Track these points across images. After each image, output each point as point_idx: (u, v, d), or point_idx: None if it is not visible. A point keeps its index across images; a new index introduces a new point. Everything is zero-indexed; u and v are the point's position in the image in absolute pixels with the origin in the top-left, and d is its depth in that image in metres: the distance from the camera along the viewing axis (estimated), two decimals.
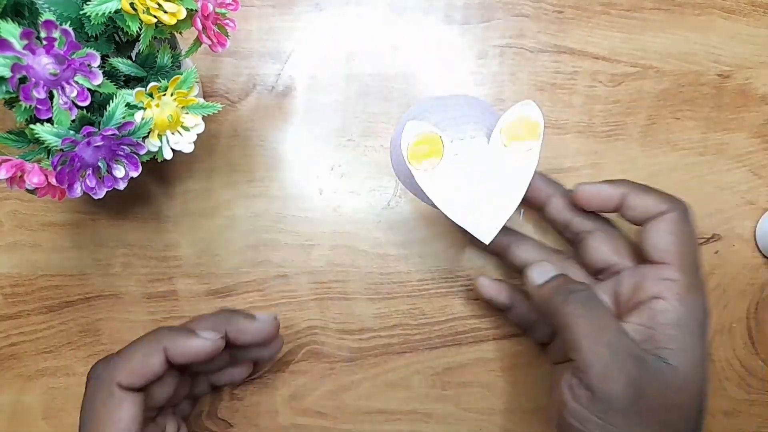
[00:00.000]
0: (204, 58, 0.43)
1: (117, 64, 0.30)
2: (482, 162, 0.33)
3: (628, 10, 0.44)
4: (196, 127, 0.32)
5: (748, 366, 0.43)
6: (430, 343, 0.42)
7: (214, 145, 0.43)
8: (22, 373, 0.42)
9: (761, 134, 0.43)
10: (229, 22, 0.33)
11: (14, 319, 0.42)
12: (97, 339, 0.42)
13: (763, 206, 0.43)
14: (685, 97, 0.43)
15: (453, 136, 0.33)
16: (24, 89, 0.26)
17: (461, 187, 0.33)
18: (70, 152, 0.27)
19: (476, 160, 0.33)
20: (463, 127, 0.34)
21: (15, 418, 0.42)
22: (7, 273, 0.42)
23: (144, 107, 0.30)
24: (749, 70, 0.44)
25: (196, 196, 0.42)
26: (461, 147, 0.33)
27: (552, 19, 0.44)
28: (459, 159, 0.33)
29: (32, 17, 0.28)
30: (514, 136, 0.33)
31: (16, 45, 0.25)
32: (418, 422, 0.42)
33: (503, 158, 0.33)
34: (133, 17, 0.28)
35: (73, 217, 0.42)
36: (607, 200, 0.34)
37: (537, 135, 0.33)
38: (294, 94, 0.43)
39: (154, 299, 0.42)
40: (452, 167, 0.33)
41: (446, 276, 0.42)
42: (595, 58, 0.43)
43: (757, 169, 0.43)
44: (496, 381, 0.42)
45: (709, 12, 0.44)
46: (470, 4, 0.44)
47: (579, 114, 0.43)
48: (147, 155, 0.31)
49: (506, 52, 0.43)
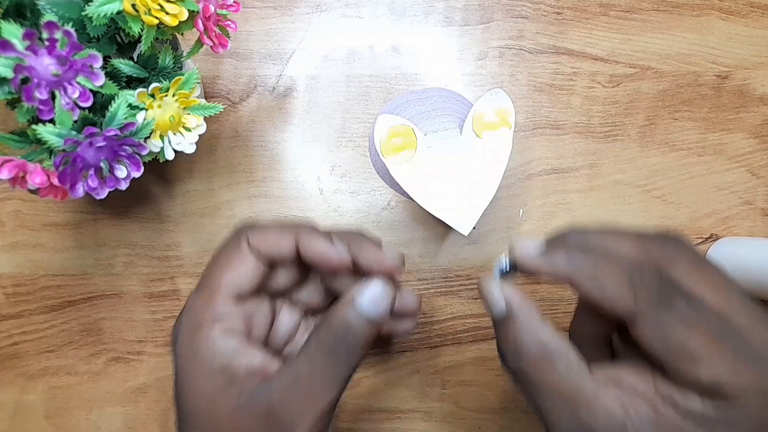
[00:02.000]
0: (205, 59, 0.43)
1: (119, 65, 0.30)
2: (456, 153, 0.33)
3: (626, 11, 0.44)
4: (197, 128, 0.32)
5: None
6: (429, 342, 0.42)
7: (216, 145, 0.43)
8: (24, 372, 0.42)
9: (759, 134, 0.43)
10: (230, 24, 0.33)
11: (16, 318, 0.42)
12: (98, 338, 0.42)
13: (760, 206, 0.43)
14: (683, 97, 0.44)
15: (427, 128, 0.33)
16: (26, 90, 0.26)
17: (436, 179, 0.33)
18: (72, 153, 0.28)
19: (450, 151, 0.33)
20: (436, 120, 0.34)
21: (17, 417, 0.42)
22: (9, 273, 0.42)
23: (146, 108, 0.30)
24: (747, 70, 0.44)
25: (197, 196, 0.43)
26: (434, 139, 0.33)
27: (551, 21, 0.44)
28: (433, 151, 0.33)
29: (34, 18, 0.28)
30: (486, 125, 0.33)
31: (18, 46, 0.25)
32: (418, 421, 0.42)
33: (476, 148, 0.33)
34: (134, 18, 0.28)
35: (75, 217, 0.42)
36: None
37: (509, 123, 0.33)
38: (295, 95, 0.44)
39: (155, 299, 0.42)
40: (426, 160, 0.33)
41: (446, 276, 0.42)
42: (594, 59, 0.44)
43: (755, 170, 0.43)
44: (496, 380, 0.42)
45: (707, 13, 0.44)
46: (470, 5, 0.44)
47: (578, 115, 0.43)
48: (149, 156, 0.31)
49: (505, 53, 0.44)
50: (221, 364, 0.27)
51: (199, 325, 0.28)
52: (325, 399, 0.26)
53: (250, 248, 0.29)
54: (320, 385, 0.27)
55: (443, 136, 0.33)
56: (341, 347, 0.27)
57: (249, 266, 0.29)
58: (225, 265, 0.29)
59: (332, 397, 0.27)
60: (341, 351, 0.27)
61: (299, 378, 0.27)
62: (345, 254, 0.29)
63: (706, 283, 0.25)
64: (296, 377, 0.27)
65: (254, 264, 0.29)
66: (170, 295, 0.42)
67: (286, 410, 0.26)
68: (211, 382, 0.27)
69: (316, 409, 0.26)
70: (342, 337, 0.27)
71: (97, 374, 0.42)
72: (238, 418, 0.27)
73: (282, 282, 0.31)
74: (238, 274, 0.29)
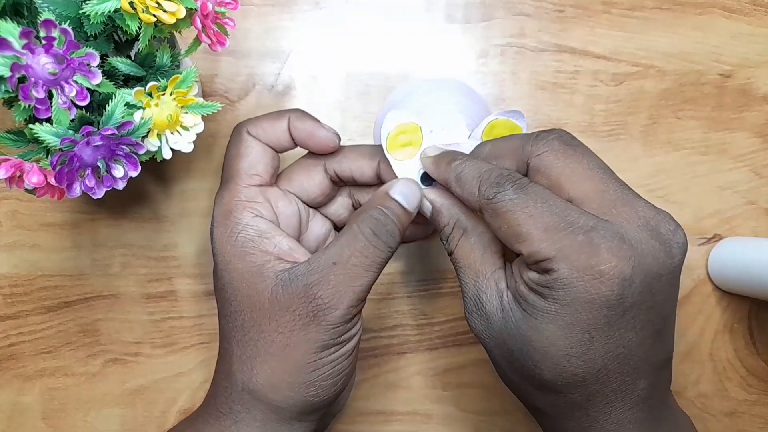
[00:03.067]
0: (203, 57, 0.43)
1: (116, 64, 0.30)
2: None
3: (629, 9, 0.44)
4: (195, 127, 0.32)
5: (749, 366, 0.42)
6: (430, 343, 0.42)
7: (214, 144, 0.43)
8: (21, 373, 0.42)
9: (762, 134, 0.43)
10: (228, 21, 0.32)
11: (13, 319, 0.42)
12: (96, 339, 0.42)
13: (764, 206, 0.43)
14: (686, 96, 0.43)
15: (433, 125, 0.33)
16: (23, 89, 0.26)
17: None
18: (69, 152, 0.27)
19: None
20: (444, 117, 0.33)
21: (14, 419, 0.42)
22: (6, 273, 0.42)
23: (143, 107, 0.30)
24: (751, 69, 0.43)
25: (195, 196, 0.42)
26: (440, 138, 0.33)
27: (553, 18, 0.43)
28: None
29: (31, 16, 0.28)
30: (495, 136, 0.33)
31: (15, 44, 0.25)
32: (418, 423, 0.42)
33: None
34: (132, 16, 0.28)
35: (72, 217, 0.42)
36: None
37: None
38: (293, 94, 0.43)
39: (153, 299, 0.42)
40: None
41: (446, 276, 0.42)
42: (597, 57, 0.43)
43: (758, 169, 0.43)
44: (496, 381, 0.42)
45: (710, 11, 0.44)
46: (471, 3, 0.44)
47: (580, 113, 0.43)
48: (146, 155, 0.31)
49: (507, 51, 0.43)
50: (254, 245, 0.30)
51: (229, 212, 0.31)
52: (363, 282, 0.29)
53: (250, 136, 0.33)
54: (360, 268, 0.29)
55: (449, 137, 0.33)
56: (380, 232, 0.29)
57: (258, 150, 0.32)
58: (235, 157, 0.33)
59: (370, 280, 0.29)
60: (380, 235, 0.29)
61: (339, 261, 0.29)
62: (333, 133, 0.33)
63: (557, 170, 0.28)
64: (336, 260, 0.29)
65: (261, 148, 0.33)
66: (168, 295, 0.42)
67: (325, 291, 0.28)
68: (247, 262, 0.30)
69: (355, 291, 0.29)
70: (381, 222, 0.29)
71: (95, 375, 0.42)
72: (277, 297, 0.29)
73: (313, 194, 0.34)
74: (250, 160, 0.32)
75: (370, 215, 0.30)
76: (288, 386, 0.30)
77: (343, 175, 0.34)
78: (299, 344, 0.29)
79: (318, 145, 0.33)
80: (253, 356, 0.30)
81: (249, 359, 0.30)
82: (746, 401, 0.42)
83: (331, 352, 0.30)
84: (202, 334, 0.42)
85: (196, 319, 0.42)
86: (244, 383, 0.30)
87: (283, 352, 0.29)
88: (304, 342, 0.29)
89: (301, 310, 0.29)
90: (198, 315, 0.42)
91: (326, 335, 0.29)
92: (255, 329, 0.30)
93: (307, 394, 0.30)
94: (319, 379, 0.30)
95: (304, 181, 0.34)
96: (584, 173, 0.28)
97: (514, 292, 0.28)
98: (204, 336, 0.42)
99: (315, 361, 0.29)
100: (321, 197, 0.35)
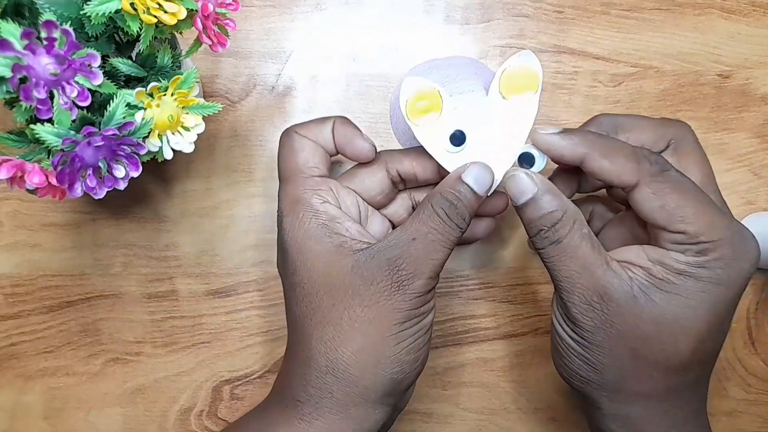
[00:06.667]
0: (204, 58, 0.43)
1: (117, 64, 0.30)
2: (481, 115, 0.33)
3: (628, 10, 0.44)
4: (196, 128, 0.32)
5: (748, 366, 0.43)
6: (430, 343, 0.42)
7: (214, 145, 0.43)
8: (22, 373, 0.42)
9: (761, 134, 0.43)
10: (229, 22, 0.32)
11: (14, 319, 0.42)
12: (97, 339, 0.42)
13: (762, 206, 0.43)
14: (685, 97, 0.43)
15: (452, 90, 0.33)
16: (24, 89, 0.26)
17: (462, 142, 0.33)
18: (71, 152, 0.27)
19: (475, 113, 0.33)
20: (462, 82, 0.33)
21: (15, 418, 0.42)
22: (7, 273, 0.42)
23: (144, 107, 0.30)
24: (749, 70, 0.44)
25: (196, 196, 0.42)
26: (460, 101, 0.33)
27: (552, 19, 0.44)
28: (458, 113, 0.33)
29: (32, 17, 0.28)
30: (513, 88, 0.32)
31: (16, 45, 0.25)
32: (418, 422, 0.42)
33: (502, 111, 0.33)
34: (133, 17, 0.28)
35: (73, 217, 0.42)
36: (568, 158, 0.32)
37: (536, 86, 0.32)
38: (294, 94, 0.43)
39: (154, 299, 0.42)
40: (451, 122, 0.33)
41: (446, 276, 0.42)
42: (596, 58, 0.43)
43: (757, 169, 0.43)
44: (496, 381, 0.42)
45: (709, 12, 0.44)
46: (470, 4, 0.44)
47: (579, 114, 0.43)
48: (147, 155, 0.31)
49: (506, 52, 0.43)
50: (328, 229, 0.32)
51: (296, 201, 0.32)
52: (439, 256, 0.31)
53: (301, 136, 0.34)
54: (437, 243, 0.30)
55: (469, 98, 0.33)
56: (452, 213, 0.31)
57: (311, 146, 0.34)
58: (291, 154, 0.34)
59: (444, 255, 0.31)
60: (453, 216, 0.31)
61: (418, 237, 0.30)
62: (370, 143, 0.34)
63: (696, 163, 0.32)
64: (415, 236, 0.31)
65: (313, 145, 0.34)
66: (169, 295, 0.42)
67: (407, 263, 0.30)
68: (325, 244, 0.31)
69: (435, 264, 0.30)
70: (454, 204, 0.31)
71: (96, 375, 0.42)
72: (360, 273, 0.30)
73: (373, 192, 0.35)
74: (305, 155, 0.34)
75: (444, 197, 0.31)
76: (375, 362, 0.30)
77: (406, 173, 0.35)
78: (385, 315, 0.30)
79: (354, 151, 0.34)
80: (337, 335, 0.31)
81: (332, 339, 0.31)
82: (745, 401, 0.42)
83: (412, 324, 0.31)
84: (203, 334, 0.42)
85: (197, 318, 0.42)
86: (328, 365, 0.31)
87: (370, 325, 0.30)
88: (390, 312, 0.30)
89: (386, 282, 0.30)
90: (199, 315, 0.42)
91: (409, 303, 0.30)
92: (337, 308, 0.31)
93: (393, 370, 0.31)
94: (403, 353, 0.31)
95: (366, 178, 0.35)
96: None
97: (647, 276, 0.29)
98: (205, 336, 0.42)
99: (399, 332, 0.31)
100: (380, 196, 0.35)
